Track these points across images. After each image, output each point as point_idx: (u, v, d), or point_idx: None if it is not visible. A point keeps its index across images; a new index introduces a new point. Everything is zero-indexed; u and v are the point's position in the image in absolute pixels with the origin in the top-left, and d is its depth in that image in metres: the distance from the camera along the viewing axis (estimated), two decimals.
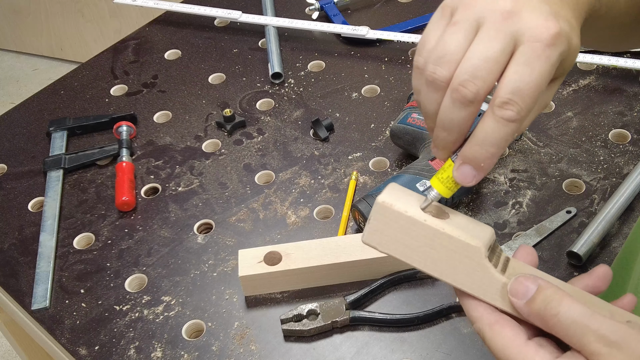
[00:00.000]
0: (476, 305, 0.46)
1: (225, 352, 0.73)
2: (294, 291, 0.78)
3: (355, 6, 1.20)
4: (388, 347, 0.71)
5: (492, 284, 0.45)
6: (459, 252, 0.46)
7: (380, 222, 0.48)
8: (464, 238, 0.45)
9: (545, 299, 0.43)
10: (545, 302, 0.43)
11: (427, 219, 0.46)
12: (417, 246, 0.47)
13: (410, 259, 0.48)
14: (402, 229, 0.47)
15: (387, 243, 0.48)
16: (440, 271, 0.47)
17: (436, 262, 0.47)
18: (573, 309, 0.42)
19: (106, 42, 2.11)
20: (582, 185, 0.86)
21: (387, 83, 1.04)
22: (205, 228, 0.87)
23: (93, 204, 0.91)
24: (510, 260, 0.48)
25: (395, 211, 0.47)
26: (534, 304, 0.43)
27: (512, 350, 0.43)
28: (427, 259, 0.47)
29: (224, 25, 1.20)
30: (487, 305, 0.46)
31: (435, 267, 0.47)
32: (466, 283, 0.46)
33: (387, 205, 0.47)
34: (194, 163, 0.95)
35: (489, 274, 0.45)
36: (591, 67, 1.02)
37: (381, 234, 0.48)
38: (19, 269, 0.84)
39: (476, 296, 0.46)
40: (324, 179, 0.91)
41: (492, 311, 0.46)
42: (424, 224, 0.46)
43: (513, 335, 0.43)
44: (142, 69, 1.12)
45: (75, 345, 0.75)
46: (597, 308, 0.45)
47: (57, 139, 0.99)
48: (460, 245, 0.45)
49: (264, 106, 1.03)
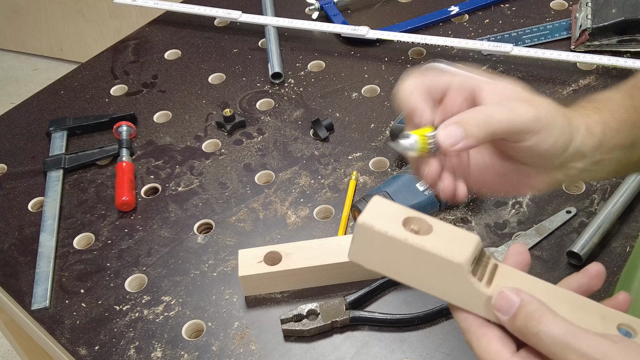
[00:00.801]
0: (465, 317, 0.47)
1: (225, 352, 0.73)
2: (294, 291, 0.78)
3: (355, 6, 1.20)
4: (388, 347, 0.71)
5: (478, 298, 0.46)
6: (442, 268, 0.46)
7: (362, 241, 0.48)
8: (445, 255, 0.45)
9: (527, 316, 0.43)
10: (527, 320, 0.43)
11: (408, 238, 0.46)
12: (401, 263, 0.47)
13: (396, 275, 0.48)
14: (385, 248, 0.47)
15: (372, 260, 0.49)
16: (427, 286, 0.48)
17: (422, 278, 0.47)
18: (554, 327, 0.42)
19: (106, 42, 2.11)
20: (582, 185, 0.86)
21: (387, 83, 1.04)
22: (205, 228, 0.87)
23: (93, 204, 0.91)
24: (498, 267, 0.48)
25: (376, 232, 0.47)
26: (516, 320, 0.44)
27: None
28: (413, 275, 0.48)
29: (224, 25, 1.20)
30: (476, 317, 0.46)
31: (421, 282, 0.48)
32: (453, 297, 0.47)
33: (368, 227, 0.47)
34: (194, 163, 0.95)
35: (474, 289, 0.45)
36: (591, 67, 1.02)
37: (365, 253, 0.49)
38: (19, 269, 0.84)
39: (465, 309, 0.46)
40: (324, 178, 0.91)
41: (481, 323, 0.46)
42: (405, 243, 0.46)
43: (499, 350, 0.44)
44: (142, 69, 1.12)
45: (75, 345, 0.75)
46: (587, 312, 0.45)
47: (57, 139, 0.99)
48: (442, 262, 0.46)
49: (264, 106, 1.03)
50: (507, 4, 1.15)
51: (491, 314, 0.45)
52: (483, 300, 0.45)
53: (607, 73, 1.01)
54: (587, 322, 0.44)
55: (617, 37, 1.01)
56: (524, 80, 1.00)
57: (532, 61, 1.03)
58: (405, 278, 0.48)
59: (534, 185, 0.54)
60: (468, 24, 1.12)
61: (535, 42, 1.06)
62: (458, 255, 0.45)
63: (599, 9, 1.02)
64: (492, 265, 0.48)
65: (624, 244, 0.79)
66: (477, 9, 1.15)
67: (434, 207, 0.82)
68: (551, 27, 1.08)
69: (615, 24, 1.00)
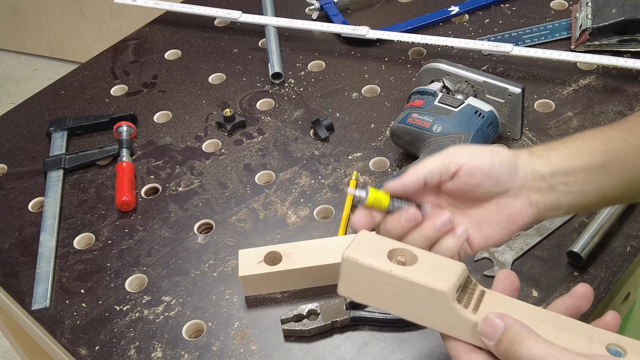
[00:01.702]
0: (454, 345, 0.47)
1: (225, 352, 0.73)
2: (294, 291, 0.78)
3: (355, 6, 1.20)
4: (388, 347, 0.71)
5: (465, 325, 0.46)
6: (427, 298, 0.46)
7: (349, 275, 0.49)
8: (429, 284, 0.46)
9: (510, 339, 0.44)
10: (510, 344, 0.44)
11: (392, 269, 0.47)
12: (388, 294, 0.48)
13: (384, 306, 0.49)
14: (371, 280, 0.48)
15: (360, 293, 0.50)
16: (414, 316, 0.48)
17: (409, 308, 0.48)
18: (536, 349, 0.42)
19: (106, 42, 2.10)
20: None
21: (387, 83, 1.04)
22: (205, 228, 0.87)
23: (93, 204, 0.91)
24: (485, 294, 0.49)
25: (360, 265, 0.48)
26: (500, 345, 0.44)
27: None
28: (400, 305, 0.48)
29: (224, 25, 1.20)
30: (465, 344, 0.47)
31: (409, 312, 0.48)
32: (440, 325, 0.47)
33: (352, 260, 0.48)
34: (194, 163, 0.95)
35: (459, 316, 0.46)
36: (591, 67, 1.02)
37: (353, 286, 0.50)
38: (19, 269, 0.84)
39: (453, 336, 0.47)
40: (324, 179, 0.91)
41: (469, 350, 0.47)
42: (389, 275, 0.47)
43: None
44: (142, 69, 1.12)
45: (75, 345, 0.75)
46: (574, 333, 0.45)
47: (57, 139, 0.99)
48: (426, 291, 0.46)
49: (264, 106, 1.03)
50: (507, 4, 1.15)
51: (478, 339, 0.46)
52: (470, 326, 0.46)
53: (607, 73, 1.01)
54: (574, 343, 0.44)
55: (617, 37, 1.01)
56: (524, 80, 1.00)
57: (532, 61, 1.03)
58: (394, 309, 0.49)
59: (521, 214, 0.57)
60: (468, 24, 1.12)
61: (535, 42, 1.06)
62: (441, 284, 0.46)
63: (599, 9, 1.02)
64: (479, 292, 0.49)
65: (624, 244, 0.79)
66: (477, 9, 1.15)
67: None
68: (551, 27, 1.08)
69: (615, 24, 1.00)
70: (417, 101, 0.89)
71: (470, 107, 0.86)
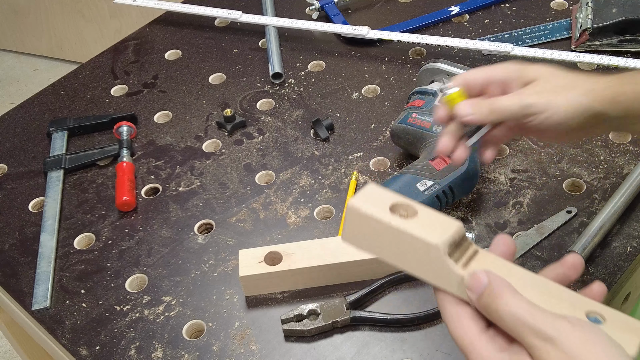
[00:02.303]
0: (443, 297, 0.49)
1: (225, 352, 0.73)
2: (295, 291, 0.78)
3: (355, 6, 1.20)
4: (388, 347, 0.71)
5: (454, 278, 0.48)
6: (421, 250, 0.49)
7: (353, 223, 0.51)
8: (423, 237, 0.48)
9: (491, 293, 0.46)
10: (490, 297, 0.46)
11: (392, 220, 0.50)
12: (387, 244, 0.51)
13: (382, 255, 0.52)
14: (372, 230, 0.50)
15: (362, 242, 0.52)
16: (409, 266, 0.51)
17: (405, 259, 0.51)
18: (513, 304, 0.44)
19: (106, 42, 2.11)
20: (583, 185, 0.86)
21: (388, 83, 1.04)
22: (205, 228, 0.87)
23: (93, 204, 0.91)
24: (478, 253, 0.51)
25: (363, 214, 0.50)
26: (482, 298, 0.46)
27: (465, 341, 0.47)
28: (397, 255, 0.51)
29: (224, 25, 1.20)
30: (453, 297, 0.49)
31: (404, 263, 0.51)
32: (432, 277, 0.50)
33: (356, 208, 0.50)
34: (194, 163, 0.95)
35: (449, 270, 0.48)
36: (591, 67, 1.02)
37: (356, 234, 0.52)
38: (20, 269, 0.84)
39: (442, 288, 0.49)
40: (324, 179, 0.91)
41: (457, 303, 0.48)
42: (388, 225, 0.49)
43: (468, 327, 0.47)
44: (143, 69, 1.12)
45: (75, 345, 0.75)
46: (558, 298, 0.47)
47: (58, 139, 0.99)
48: (421, 244, 0.49)
49: (264, 106, 1.03)
50: (508, 4, 1.15)
51: (464, 293, 0.48)
52: (458, 280, 0.48)
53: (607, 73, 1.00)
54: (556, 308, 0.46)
55: (617, 37, 1.01)
56: None
57: (533, 61, 1.03)
58: (391, 259, 0.51)
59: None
60: (468, 24, 1.12)
61: (535, 42, 1.06)
62: (436, 238, 0.48)
63: (600, 9, 1.02)
64: (473, 251, 0.51)
65: (625, 244, 0.79)
66: (478, 9, 1.15)
67: (434, 207, 0.82)
68: (551, 27, 1.08)
69: (615, 24, 1.00)
70: (418, 101, 0.89)
71: None
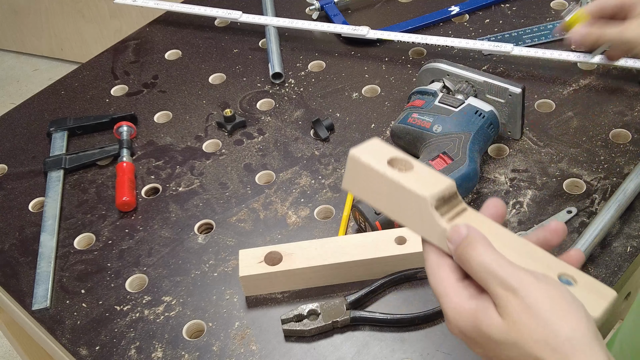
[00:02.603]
0: (428, 248, 0.52)
1: (225, 352, 0.73)
2: (295, 291, 0.78)
3: (355, 6, 1.20)
4: (388, 347, 0.71)
5: (438, 231, 0.51)
6: (411, 201, 0.51)
7: (352, 171, 0.54)
8: (414, 189, 0.51)
9: (466, 244, 0.48)
10: (465, 248, 0.48)
11: (387, 172, 0.52)
12: (381, 194, 0.53)
13: (377, 204, 0.54)
14: (369, 179, 0.53)
15: (359, 190, 0.55)
16: (399, 216, 0.53)
17: (396, 209, 0.53)
18: (484, 255, 0.47)
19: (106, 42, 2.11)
20: (583, 185, 0.86)
21: (388, 83, 1.04)
22: (205, 228, 0.87)
23: (93, 204, 0.91)
24: (466, 211, 0.53)
25: (361, 163, 0.53)
26: (458, 248, 0.48)
27: (440, 289, 0.49)
28: (390, 205, 0.53)
29: (224, 25, 1.20)
30: (436, 249, 0.51)
31: (395, 213, 0.53)
32: (419, 229, 0.52)
33: (356, 158, 0.53)
34: (194, 163, 0.95)
35: (434, 222, 0.51)
36: (592, 67, 1.02)
37: (354, 182, 0.55)
38: (20, 269, 0.84)
39: (427, 239, 0.52)
40: (324, 179, 0.91)
41: (439, 255, 0.51)
42: (382, 175, 0.52)
43: (446, 276, 0.49)
44: (143, 69, 1.12)
45: (75, 345, 0.75)
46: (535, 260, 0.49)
47: (58, 139, 0.99)
48: (411, 196, 0.51)
49: (264, 106, 1.03)
50: (508, 4, 1.15)
51: (446, 245, 0.50)
52: (441, 232, 0.50)
53: (607, 73, 1.01)
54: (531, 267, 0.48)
55: None
56: (525, 80, 1.00)
57: (533, 61, 1.03)
58: (384, 208, 0.54)
59: None
60: (468, 24, 1.12)
61: (535, 42, 1.06)
62: (425, 191, 0.51)
63: None
64: (461, 208, 0.53)
65: (625, 244, 0.79)
66: (478, 9, 1.15)
67: None
68: (552, 27, 1.08)
69: None
70: (418, 101, 0.89)
71: (470, 107, 0.86)
